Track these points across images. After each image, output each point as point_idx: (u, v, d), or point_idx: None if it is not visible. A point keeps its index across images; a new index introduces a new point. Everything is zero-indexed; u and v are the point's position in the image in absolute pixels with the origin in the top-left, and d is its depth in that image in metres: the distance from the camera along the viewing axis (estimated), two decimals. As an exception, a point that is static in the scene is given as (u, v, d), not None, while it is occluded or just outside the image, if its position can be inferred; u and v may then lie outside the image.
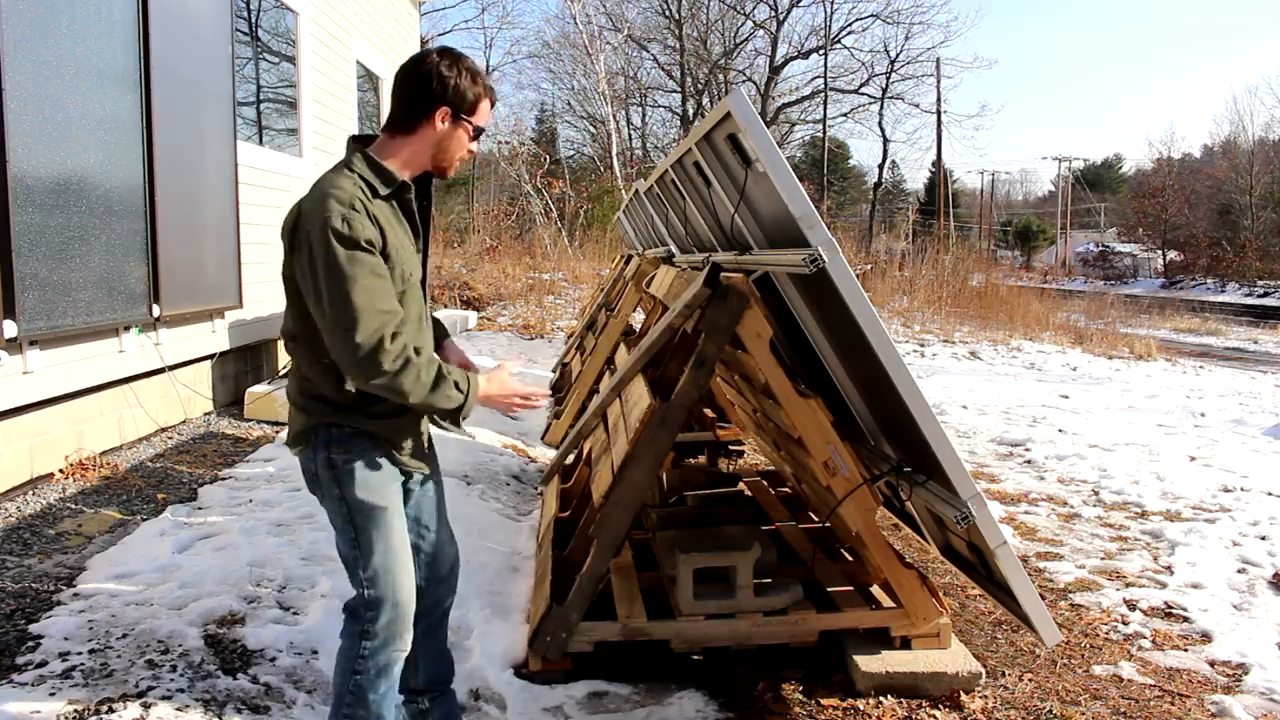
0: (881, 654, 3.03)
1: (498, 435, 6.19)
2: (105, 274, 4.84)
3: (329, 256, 1.95)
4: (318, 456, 2.14)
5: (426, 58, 2.12)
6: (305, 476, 2.22)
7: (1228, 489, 5.75)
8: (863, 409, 3.19)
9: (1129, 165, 64.80)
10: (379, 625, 2.16)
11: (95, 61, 4.74)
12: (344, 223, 1.96)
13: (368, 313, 1.95)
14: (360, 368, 1.97)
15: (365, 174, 2.08)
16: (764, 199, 2.76)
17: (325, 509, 2.21)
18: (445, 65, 2.10)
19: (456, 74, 2.10)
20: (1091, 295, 23.57)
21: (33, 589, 3.30)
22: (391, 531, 2.17)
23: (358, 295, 1.95)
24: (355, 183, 2.04)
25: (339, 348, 1.98)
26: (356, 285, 1.95)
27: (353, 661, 2.18)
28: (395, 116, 2.14)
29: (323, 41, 8.66)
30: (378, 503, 2.15)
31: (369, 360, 1.96)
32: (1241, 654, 3.43)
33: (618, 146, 27.27)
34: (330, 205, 1.98)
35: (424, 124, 2.12)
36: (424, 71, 2.09)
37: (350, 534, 2.15)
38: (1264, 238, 39.40)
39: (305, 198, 2.07)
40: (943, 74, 36.88)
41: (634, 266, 7.51)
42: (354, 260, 1.96)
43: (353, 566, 2.17)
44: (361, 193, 2.03)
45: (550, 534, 3.85)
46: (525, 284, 16.30)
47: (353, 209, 1.98)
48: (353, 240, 1.96)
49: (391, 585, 2.16)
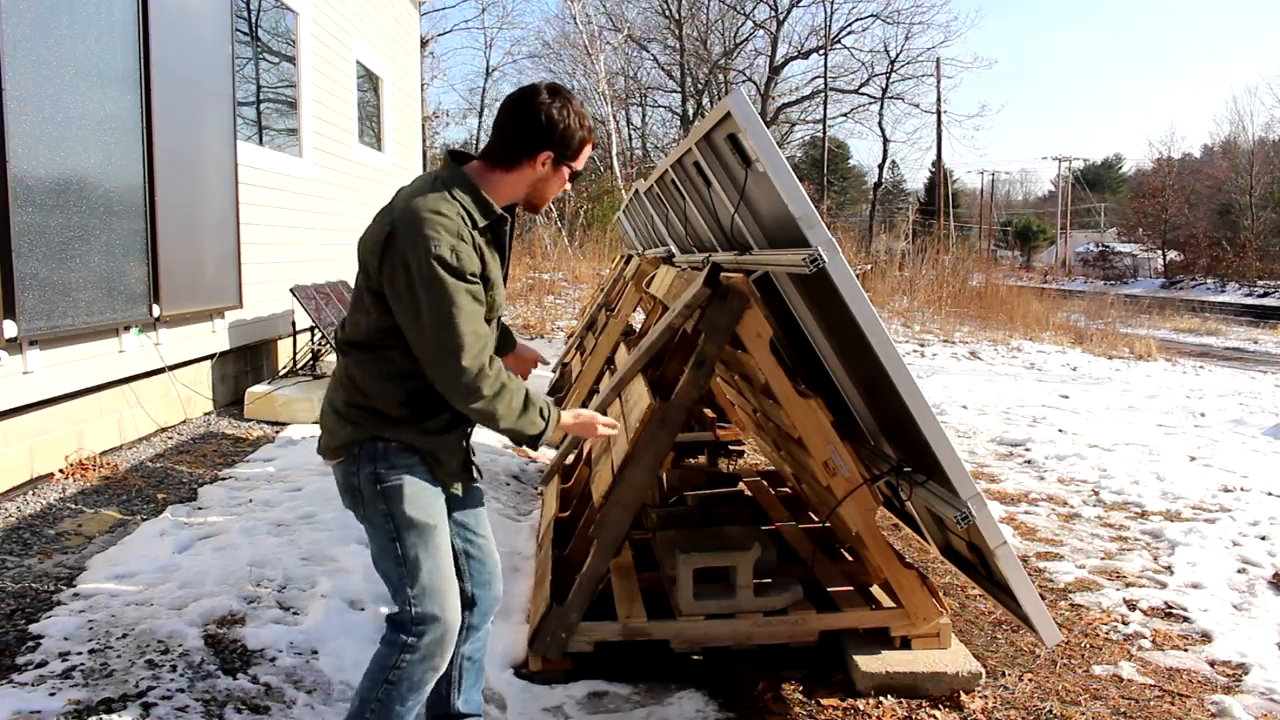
0: (881, 654, 3.03)
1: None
2: (105, 274, 4.84)
3: (436, 283, 1.95)
4: (361, 471, 2.10)
5: (538, 96, 2.08)
6: (342, 490, 2.17)
7: (1228, 489, 5.75)
8: (863, 409, 3.19)
9: (1129, 165, 64.89)
10: (424, 641, 2.11)
11: (95, 61, 4.75)
12: (453, 254, 1.96)
13: (472, 339, 1.99)
14: (465, 390, 2.01)
15: (467, 204, 2.05)
16: (764, 199, 2.76)
17: (365, 524, 2.16)
18: (557, 108, 2.07)
19: (565, 117, 2.08)
20: (1091, 295, 23.58)
21: (33, 589, 3.30)
22: (439, 549, 2.14)
23: (464, 322, 1.97)
24: (459, 211, 2.02)
25: (444, 370, 2.00)
26: (463, 313, 1.97)
27: (387, 670, 2.12)
28: (496, 150, 2.11)
29: (323, 41, 8.66)
30: (426, 520, 2.12)
31: (473, 384, 2.00)
32: (1241, 654, 3.43)
33: (618, 146, 27.27)
34: (438, 233, 1.96)
35: (525, 163, 2.10)
36: (534, 112, 2.06)
37: (396, 552, 2.11)
38: (1264, 238, 39.40)
39: (399, 213, 2.02)
40: (943, 74, 36.92)
41: (634, 266, 7.51)
42: (460, 290, 1.97)
43: (397, 584, 2.12)
44: (465, 223, 2.02)
45: (550, 534, 3.85)
46: (525, 284, 16.30)
47: (460, 239, 1.98)
48: (460, 271, 1.97)
49: (440, 603, 2.12)
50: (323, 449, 2.20)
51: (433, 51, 31.16)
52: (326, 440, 2.18)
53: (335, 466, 2.17)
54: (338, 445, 2.13)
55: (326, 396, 2.21)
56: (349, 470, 2.12)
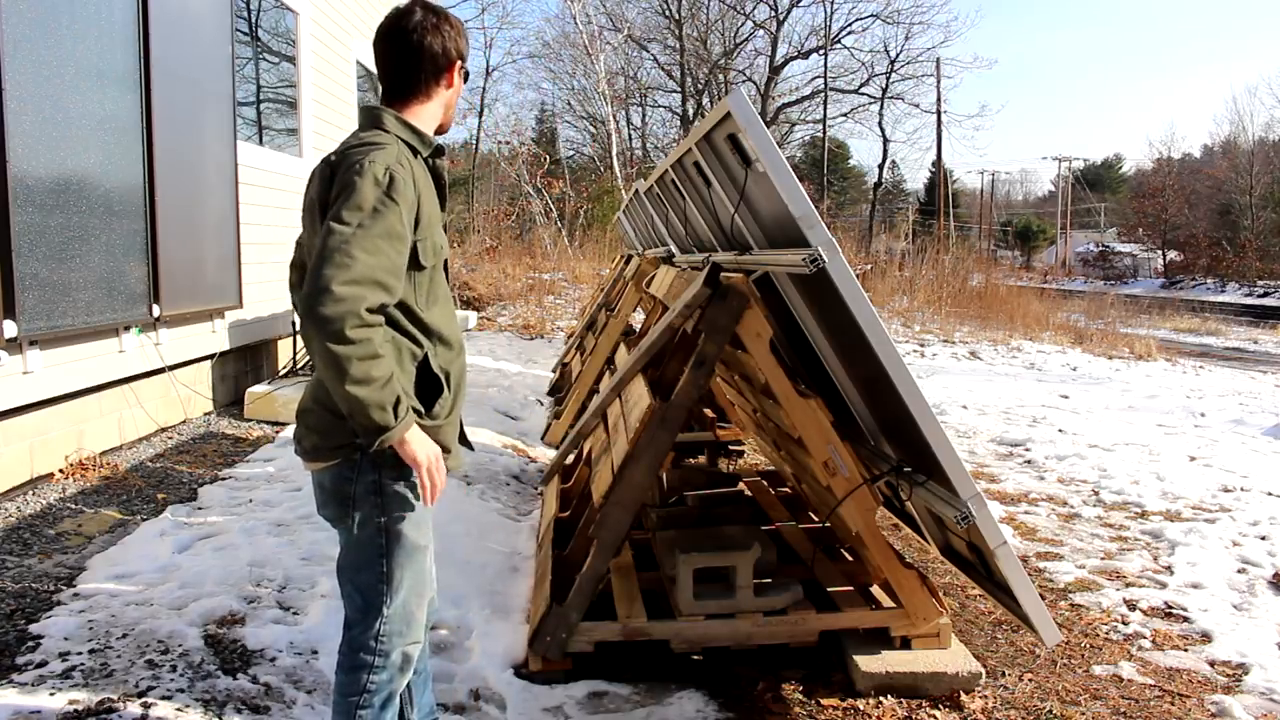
0: (881, 654, 3.03)
1: (498, 435, 6.20)
2: (105, 274, 4.84)
3: (356, 193, 1.79)
4: (361, 478, 1.92)
5: (413, 15, 1.99)
6: (330, 495, 1.97)
7: (1228, 489, 5.75)
8: (863, 409, 3.19)
9: (1129, 165, 64.90)
10: (392, 659, 2.02)
11: (95, 61, 4.74)
12: (386, 173, 1.82)
13: (364, 268, 1.75)
14: (323, 319, 1.71)
15: (402, 134, 1.95)
16: (764, 199, 2.76)
17: (348, 534, 1.98)
18: (440, 18, 2.02)
19: (451, 24, 2.03)
20: (1091, 295, 23.58)
21: (33, 589, 3.30)
22: (424, 571, 2.04)
23: (363, 242, 1.76)
24: (395, 141, 1.92)
25: (313, 284, 1.73)
26: (369, 234, 1.77)
27: (356, 698, 2.02)
28: (403, 82, 2.01)
29: (323, 41, 8.66)
30: (420, 542, 2.00)
31: (337, 315, 1.71)
32: (1241, 654, 3.43)
33: (618, 146, 27.27)
34: (375, 154, 1.84)
35: (439, 84, 2.04)
36: (427, 29, 1.99)
37: (380, 568, 1.96)
38: (1264, 238, 39.40)
39: (337, 154, 1.91)
40: (943, 74, 36.89)
41: (634, 266, 7.51)
42: (377, 212, 1.79)
43: (372, 600, 1.98)
44: (405, 152, 1.92)
45: (550, 534, 3.85)
46: (525, 284, 16.30)
47: (400, 165, 1.86)
48: (387, 191, 1.81)
49: (411, 624, 2.03)
50: (307, 450, 1.97)
51: (433, 51, 31.04)
52: (316, 440, 1.95)
53: (322, 471, 1.97)
54: (334, 445, 1.92)
55: (309, 394, 1.98)
56: (343, 476, 1.93)
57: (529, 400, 7.70)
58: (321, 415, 1.94)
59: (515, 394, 7.83)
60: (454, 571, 3.61)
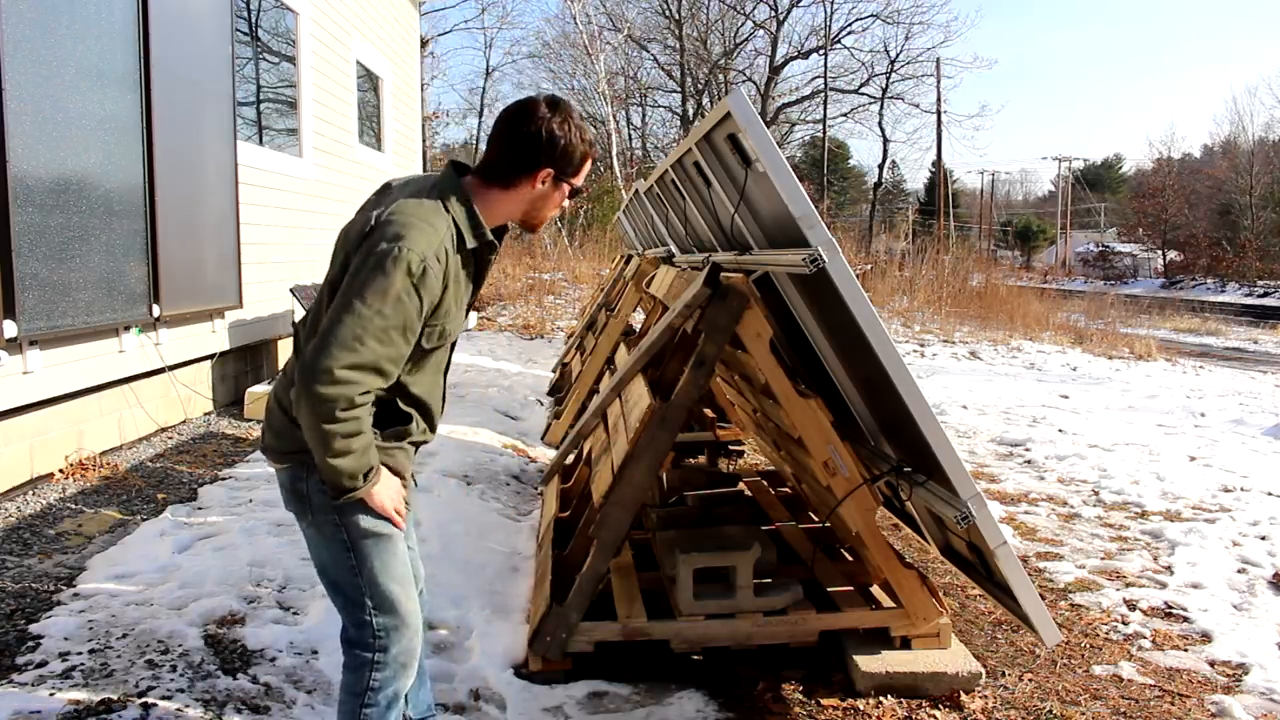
0: (881, 654, 3.03)
1: (498, 435, 6.20)
2: (105, 274, 4.84)
3: (384, 274, 1.80)
4: (311, 478, 1.95)
5: (538, 110, 1.97)
6: (290, 493, 2.02)
7: (1228, 489, 5.75)
8: (863, 409, 3.19)
9: (1129, 165, 64.89)
10: (391, 655, 2.03)
11: (95, 61, 4.75)
12: (420, 265, 1.82)
13: (369, 352, 1.80)
14: (315, 396, 1.78)
15: (460, 218, 1.94)
16: (764, 199, 2.76)
17: (311, 532, 2.02)
18: (557, 123, 1.97)
19: (567, 132, 1.98)
20: (1091, 295, 23.58)
21: (33, 589, 3.30)
22: (397, 557, 2.03)
23: (374, 329, 1.80)
24: (448, 225, 1.91)
25: (315, 352, 1.79)
26: (383, 321, 1.81)
27: (360, 696, 2.03)
28: (493, 167, 2.00)
29: (323, 41, 8.66)
30: (379, 529, 1.99)
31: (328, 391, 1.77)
32: (1241, 654, 3.43)
33: (618, 146, 27.25)
34: (418, 239, 1.84)
35: (523, 182, 2.00)
36: (534, 128, 1.96)
37: (350, 562, 1.99)
38: (1264, 238, 39.41)
39: (390, 209, 1.90)
40: (943, 74, 36.89)
41: (634, 267, 7.51)
42: (400, 303, 1.82)
43: (353, 597, 2.01)
44: (451, 240, 1.91)
45: (550, 534, 3.85)
46: (525, 284, 16.30)
47: (436, 260, 1.86)
48: (414, 283, 1.82)
49: (402, 611, 2.04)
50: (268, 448, 2.04)
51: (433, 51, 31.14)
52: (273, 441, 2.02)
53: (281, 470, 2.03)
54: (286, 450, 1.98)
55: (274, 393, 2.04)
56: (296, 475, 1.99)
57: (529, 400, 7.70)
58: (280, 418, 2.00)
59: (515, 394, 7.83)
60: (454, 571, 3.61)
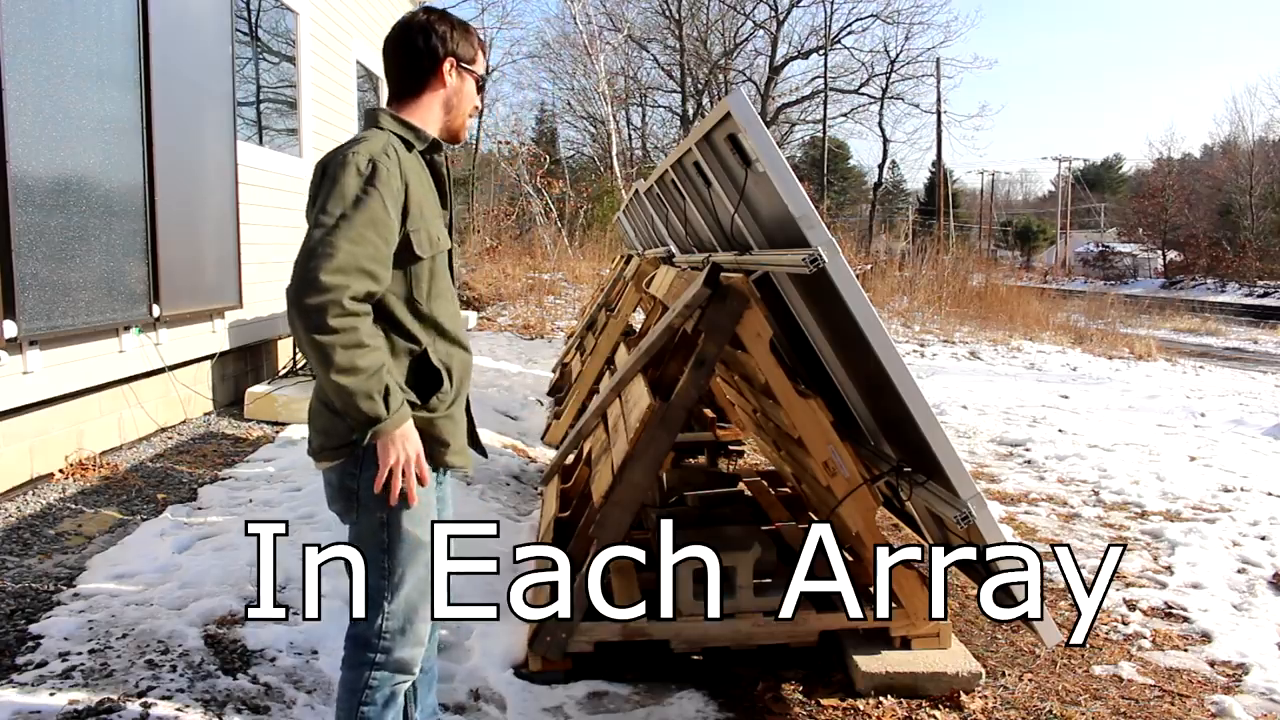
0: (881, 654, 3.03)
1: (498, 435, 6.19)
2: (105, 274, 4.84)
3: (339, 184, 1.83)
4: (364, 473, 1.92)
5: (415, 17, 2.07)
6: (337, 491, 2.00)
7: (1228, 489, 5.75)
8: (863, 409, 3.19)
9: (1129, 165, 64.88)
10: (394, 657, 2.03)
11: (95, 61, 4.74)
12: (369, 164, 1.85)
13: (347, 256, 1.78)
14: (307, 309, 1.76)
15: (396, 129, 1.99)
16: (764, 199, 2.76)
17: (354, 528, 2.01)
18: (437, 17, 2.06)
19: (449, 26, 2.07)
20: (1091, 295, 23.58)
21: (33, 589, 3.30)
22: (428, 570, 2.04)
23: (347, 231, 1.79)
24: (386, 138, 1.95)
25: (297, 275, 1.78)
26: (352, 223, 1.80)
27: (359, 693, 2.03)
28: (401, 85, 2.06)
29: (323, 41, 8.66)
30: (423, 538, 2.00)
31: (321, 304, 1.75)
32: (1241, 654, 3.43)
33: (618, 146, 27.27)
34: (359, 146, 1.89)
35: (432, 82, 2.06)
36: (420, 29, 2.04)
37: (382, 563, 1.98)
38: (1264, 238, 39.41)
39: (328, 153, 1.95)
40: (943, 74, 36.92)
41: (634, 267, 7.51)
42: (361, 201, 1.82)
43: (374, 597, 2.01)
44: (395, 143, 1.95)
45: (550, 534, 3.85)
46: (525, 284, 16.31)
47: (385, 155, 1.89)
48: (369, 179, 1.84)
49: (415, 619, 2.04)
50: (316, 450, 2.00)
51: (433, 51, 31.03)
52: (321, 440, 1.98)
53: (330, 469, 1.99)
54: (335, 445, 1.95)
55: (314, 395, 2.02)
56: (347, 472, 1.95)
57: (529, 400, 7.70)
58: (325, 415, 1.97)
59: (515, 394, 7.83)
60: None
